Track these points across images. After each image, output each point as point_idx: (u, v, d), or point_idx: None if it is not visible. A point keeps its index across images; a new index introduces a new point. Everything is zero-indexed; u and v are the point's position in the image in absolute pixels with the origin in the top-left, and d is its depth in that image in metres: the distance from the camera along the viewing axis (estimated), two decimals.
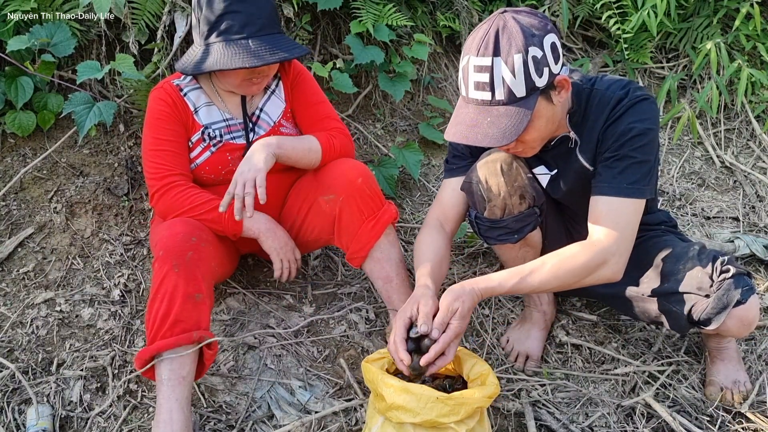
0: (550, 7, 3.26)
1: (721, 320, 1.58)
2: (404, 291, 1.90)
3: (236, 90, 1.86)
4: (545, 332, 2.04)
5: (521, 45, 1.39)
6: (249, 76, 1.79)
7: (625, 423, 1.79)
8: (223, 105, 1.91)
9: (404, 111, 2.90)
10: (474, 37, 1.44)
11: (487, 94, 1.43)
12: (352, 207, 1.84)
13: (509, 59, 1.40)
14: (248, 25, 1.72)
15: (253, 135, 1.92)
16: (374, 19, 2.61)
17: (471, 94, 1.46)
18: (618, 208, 1.55)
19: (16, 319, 1.89)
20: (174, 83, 1.89)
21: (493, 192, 1.68)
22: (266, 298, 2.13)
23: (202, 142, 1.88)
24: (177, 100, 1.86)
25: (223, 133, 1.90)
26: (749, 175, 2.97)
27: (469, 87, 1.46)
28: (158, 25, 2.39)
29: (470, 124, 1.46)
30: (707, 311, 1.59)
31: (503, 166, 1.67)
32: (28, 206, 2.19)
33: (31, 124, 2.23)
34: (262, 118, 1.95)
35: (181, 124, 1.86)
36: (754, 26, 3.19)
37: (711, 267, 1.62)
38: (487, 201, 1.70)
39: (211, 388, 1.82)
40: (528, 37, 1.40)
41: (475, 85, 1.44)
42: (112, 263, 2.11)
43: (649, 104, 1.56)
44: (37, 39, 2.14)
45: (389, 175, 2.53)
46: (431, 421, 1.40)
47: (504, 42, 1.40)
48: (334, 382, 1.88)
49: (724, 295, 1.58)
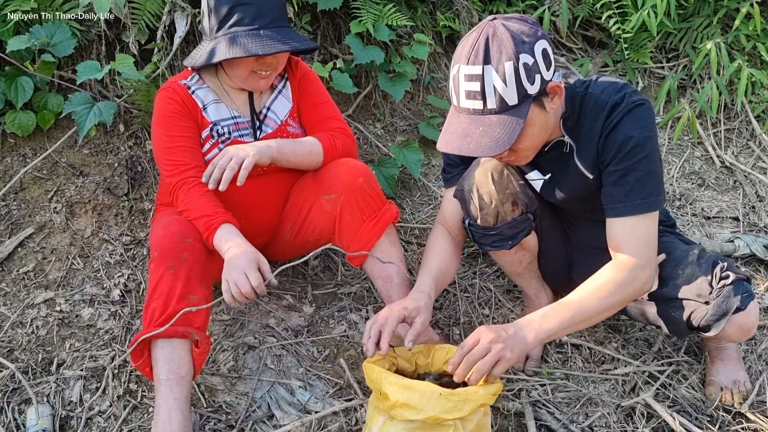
0: (550, 7, 3.26)
1: (720, 327, 1.58)
2: (404, 290, 1.89)
3: (244, 85, 1.86)
4: None
5: (512, 52, 1.37)
6: (258, 69, 1.80)
7: (625, 423, 1.79)
8: (231, 102, 1.91)
9: (404, 111, 2.90)
10: (464, 46, 1.42)
11: (478, 103, 1.41)
12: (353, 206, 1.84)
13: (500, 67, 1.38)
14: (259, 17, 1.73)
15: (260, 133, 1.92)
16: (374, 19, 2.61)
17: (462, 103, 1.44)
18: (636, 225, 1.54)
19: (16, 319, 1.89)
20: (181, 83, 1.89)
21: (485, 200, 1.68)
22: (266, 298, 2.13)
23: (210, 139, 1.88)
24: (185, 98, 1.86)
25: (231, 131, 1.90)
26: (749, 175, 2.97)
27: (461, 96, 1.43)
28: (158, 25, 2.39)
29: (462, 134, 1.43)
30: (707, 318, 1.59)
31: (494, 174, 1.66)
32: (28, 206, 2.18)
33: (31, 124, 2.23)
34: (269, 117, 1.95)
35: (192, 120, 1.86)
36: (754, 26, 3.19)
37: (711, 273, 1.61)
38: (479, 209, 1.70)
39: (211, 388, 1.82)
40: (518, 44, 1.38)
41: (466, 94, 1.42)
42: (112, 263, 2.11)
43: (645, 109, 1.54)
44: (37, 39, 2.13)
45: (389, 175, 2.53)
46: (434, 417, 1.40)
47: (494, 50, 1.38)
48: (334, 382, 1.88)
49: (724, 303, 1.57)
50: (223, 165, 1.67)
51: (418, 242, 2.44)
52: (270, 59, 1.79)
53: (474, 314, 2.15)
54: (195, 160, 1.82)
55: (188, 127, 1.84)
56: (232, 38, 1.72)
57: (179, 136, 1.82)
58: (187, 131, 1.84)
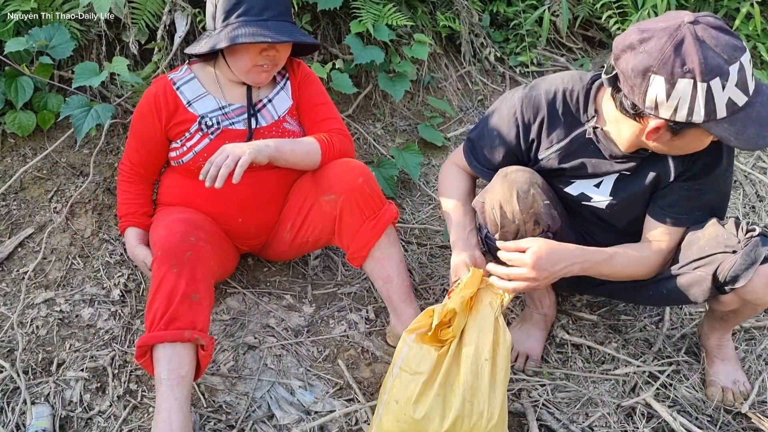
0: (550, 7, 3.26)
1: (749, 276, 1.55)
2: (405, 291, 1.89)
3: (245, 77, 1.87)
4: (545, 333, 2.03)
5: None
6: (261, 62, 1.82)
7: (625, 423, 1.79)
8: (221, 94, 1.93)
9: (404, 111, 2.90)
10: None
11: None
12: (353, 207, 1.84)
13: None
14: (267, 9, 1.78)
15: (255, 123, 1.93)
16: (374, 19, 2.61)
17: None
18: (681, 231, 1.68)
19: (16, 319, 1.89)
20: (169, 77, 1.93)
21: (508, 218, 1.66)
22: (266, 298, 2.13)
23: (200, 132, 1.89)
24: (165, 97, 1.90)
25: (220, 120, 1.90)
26: (749, 175, 2.97)
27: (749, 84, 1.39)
28: (158, 25, 2.39)
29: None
30: (735, 268, 1.56)
31: (519, 192, 1.64)
32: (28, 206, 2.18)
33: (31, 123, 2.23)
34: (267, 108, 1.95)
35: (156, 121, 1.91)
36: (754, 26, 3.19)
37: (736, 229, 1.62)
38: (500, 227, 1.68)
39: (211, 388, 1.82)
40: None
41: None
42: (112, 263, 2.11)
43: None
44: (35, 41, 2.13)
45: (389, 176, 2.53)
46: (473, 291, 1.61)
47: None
48: (334, 382, 1.88)
49: (752, 251, 1.55)
50: (219, 162, 1.67)
51: (418, 242, 2.44)
52: (273, 52, 1.82)
53: None
54: (138, 165, 2.00)
55: (146, 132, 1.94)
56: (241, 27, 1.76)
57: (136, 138, 1.98)
58: (143, 135, 1.96)
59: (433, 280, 2.28)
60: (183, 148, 1.91)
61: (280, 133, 1.94)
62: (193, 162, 1.89)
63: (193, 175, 1.88)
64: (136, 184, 2.02)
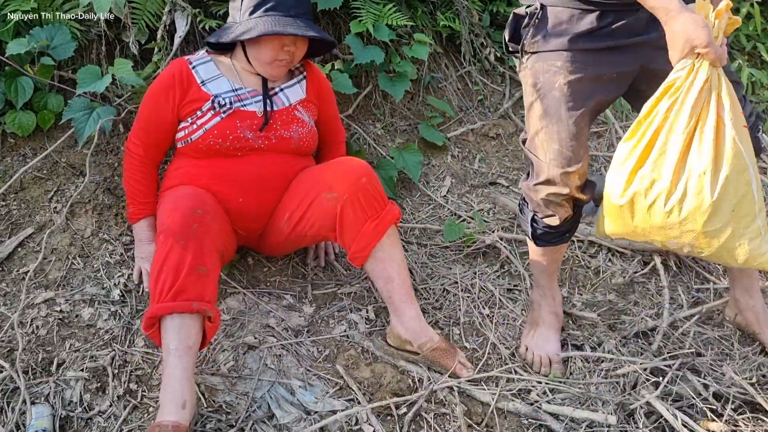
0: None
1: None
2: (405, 291, 1.90)
3: (263, 69, 1.96)
4: (560, 333, 2.04)
5: None
6: (282, 56, 1.91)
7: (625, 423, 1.79)
8: (237, 78, 2.00)
9: (404, 111, 2.90)
10: None
11: None
12: (355, 206, 1.84)
13: None
14: (294, 7, 1.90)
15: (272, 105, 1.99)
16: (374, 19, 2.61)
17: None
18: None
19: (16, 319, 1.89)
20: (186, 58, 2.01)
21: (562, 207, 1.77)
22: (266, 298, 2.13)
23: (212, 110, 1.94)
24: (181, 75, 1.95)
25: (233, 101, 1.96)
26: None
27: None
28: (158, 24, 2.39)
29: None
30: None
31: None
32: (28, 206, 2.18)
33: (31, 123, 2.23)
34: (279, 96, 2.03)
35: (173, 97, 1.94)
36: (754, 26, 3.20)
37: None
38: (561, 219, 1.78)
39: (211, 388, 1.82)
40: None
41: None
42: (112, 263, 2.11)
43: None
44: (36, 42, 2.13)
45: (388, 177, 2.53)
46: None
47: None
48: (334, 382, 1.88)
49: None
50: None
51: (419, 242, 2.44)
52: (293, 48, 1.92)
53: (474, 314, 2.15)
54: (149, 141, 2.00)
55: (159, 111, 1.97)
56: (268, 19, 1.85)
57: (145, 117, 2.00)
58: (154, 114, 1.98)
59: (433, 280, 2.28)
60: (193, 126, 1.95)
61: (290, 118, 2.01)
62: (202, 139, 1.93)
63: (200, 153, 1.94)
64: (144, 165, 2.03)
